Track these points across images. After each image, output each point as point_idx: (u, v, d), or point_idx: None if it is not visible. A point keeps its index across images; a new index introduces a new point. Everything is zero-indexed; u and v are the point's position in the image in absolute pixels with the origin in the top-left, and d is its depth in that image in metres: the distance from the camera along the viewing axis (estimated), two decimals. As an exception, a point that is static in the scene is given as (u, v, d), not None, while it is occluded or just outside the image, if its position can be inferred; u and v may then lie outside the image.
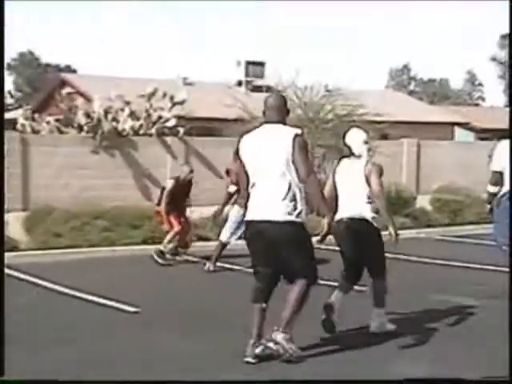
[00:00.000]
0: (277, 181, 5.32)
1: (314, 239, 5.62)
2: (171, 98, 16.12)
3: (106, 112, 14.97)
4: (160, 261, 10.26)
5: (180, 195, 10.49)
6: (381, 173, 6.27)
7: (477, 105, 50.84)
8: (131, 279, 9.51)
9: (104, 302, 7.78)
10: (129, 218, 12.30)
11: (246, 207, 5.58)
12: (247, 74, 26.98)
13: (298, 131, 5.41)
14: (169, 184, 10.51)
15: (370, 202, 6.24)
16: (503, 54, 57.75)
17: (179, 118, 15.90)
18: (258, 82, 26.77)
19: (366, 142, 6.38)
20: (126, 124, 15.07)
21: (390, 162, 13.32)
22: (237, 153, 5.58)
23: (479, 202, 15.16)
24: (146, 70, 66.14)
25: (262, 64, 27.86)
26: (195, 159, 15.52)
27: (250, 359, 5.44)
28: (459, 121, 28.80)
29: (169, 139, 15.47)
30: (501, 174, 7.51)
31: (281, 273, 5.53)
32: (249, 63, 27.31)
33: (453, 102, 50.34)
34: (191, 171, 10.78)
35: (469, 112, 33.04)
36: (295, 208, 5.35)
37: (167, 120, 15.62)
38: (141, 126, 15.33)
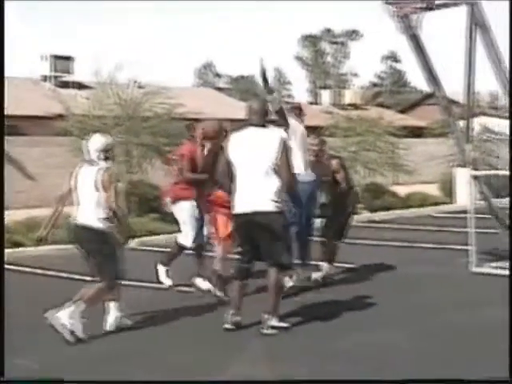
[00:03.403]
0: (264, 177, 6.10)
1: None
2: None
3: None
4: None
5: None
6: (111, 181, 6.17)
7: (286, 103, 52.56)
8: None
9: None
10: None
11: (232, 200, 6.26)
12: (54, 69, 25.83)
13: (284, 135, 6.25)
14: None
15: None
16: (306, 54, 60.34)
17: (-17, 115, 14.75)
18: (66, 78, 25.73)
19: (102, 150, 6.28)
20: None
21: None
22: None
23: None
24: None
25: (69, 59, 26.81)
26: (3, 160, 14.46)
27: (229, 326, 6.21)
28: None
29: (-28, 139, 14.27)
30: None
31: (262, 255, 6.25)
32: (56, 58, 26.17)
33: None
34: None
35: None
36: (278, 200, 6.14)
37: (-30, 118, 14.44)
38: None
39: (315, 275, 8.34)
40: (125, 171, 13.86)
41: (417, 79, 53.05)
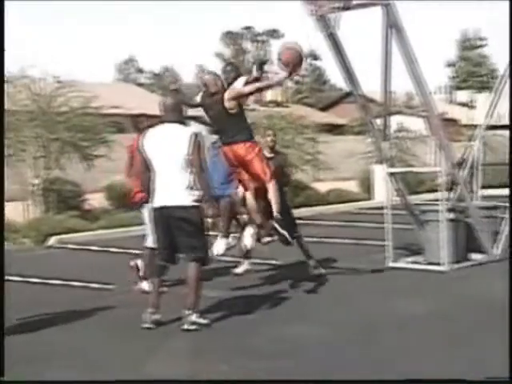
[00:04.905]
0: (179, 172, 6.21)
1: None
2: None
3: None
4: None
5: None
6: None
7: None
8: None
9: None
10: None
11: (150, 195, 6.37)
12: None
13: (195, 130, 6.35)
14: None
15: None
16: (227, 51, 60.25)
17: None
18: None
19: None
20: None
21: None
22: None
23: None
24: None
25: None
26: None
27: (148, 325, 6.18)
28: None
29: None
30: None
31: (181, 250, 6.31)
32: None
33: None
34: None
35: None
36: (194, 194, 6.21)
37: None
38: None
39: (238, 270, 8.44)
40: (42, 167, 13.55)
41: (337, 77, 53.97)
